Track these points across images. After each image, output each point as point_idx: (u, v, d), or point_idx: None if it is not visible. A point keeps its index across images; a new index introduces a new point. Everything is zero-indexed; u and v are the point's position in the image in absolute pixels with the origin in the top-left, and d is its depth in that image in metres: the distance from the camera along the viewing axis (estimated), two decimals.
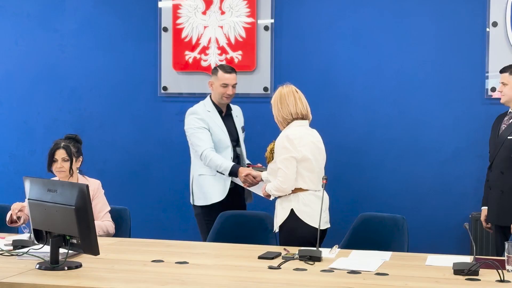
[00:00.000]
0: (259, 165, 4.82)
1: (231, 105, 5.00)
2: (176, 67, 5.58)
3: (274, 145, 4.14)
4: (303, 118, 4.13)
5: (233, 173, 4.67)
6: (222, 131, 4.84)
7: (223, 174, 4.73)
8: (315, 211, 4.01)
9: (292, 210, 4.07)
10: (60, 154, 4.27)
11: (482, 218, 4.57)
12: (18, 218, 4.11)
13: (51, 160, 4.28)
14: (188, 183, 4.95)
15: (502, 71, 4.42)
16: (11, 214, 4.15)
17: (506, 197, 4.30)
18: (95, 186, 4.30)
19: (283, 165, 4.04)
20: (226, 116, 4.94)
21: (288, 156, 4.03)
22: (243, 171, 4.65)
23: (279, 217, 4.13)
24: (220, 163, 4.70)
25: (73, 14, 5.78)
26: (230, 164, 4.70)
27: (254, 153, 5.49)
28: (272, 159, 4.14)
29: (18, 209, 4.11)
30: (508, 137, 4.29)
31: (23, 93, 5.88)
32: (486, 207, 4.49)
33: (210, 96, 4.93)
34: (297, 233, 4.05)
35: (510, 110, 4.42)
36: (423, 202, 5.20)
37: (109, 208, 4.34)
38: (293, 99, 4.12)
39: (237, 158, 4.90)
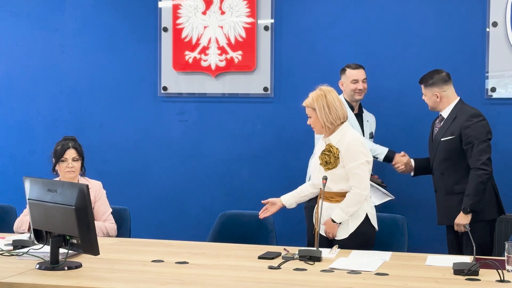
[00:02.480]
0: (376, 176, 4.79)
1: (365, 111, 5.00)
2: (176, 67, 5.58)
3: (336, 149, 3.90)
4: (345, 120, 4.01)
5: (389, 158, 4.77)
6: (353, 125, 4.61)
7: (377, 159, 4.74)
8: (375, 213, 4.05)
9: (366, 215, 3.95)
10: (71, 153, 4.21)
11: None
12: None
13: (59, 160, 4.21)
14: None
15: (420, 81, 4.55)
16: (21, 223, 4.08)
17: (450, 197, 4.39)
18: (97, 188, 4.29)
19: (361, 170, 3.87)
20: (356, 116, 4.90)
21: (364, 161, 3.89)
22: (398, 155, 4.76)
23: (353, 223, 3.91)
24: (375, 147, 4.78)
25: (73, 14, 5.78)
26: (385, 149, 4.80)
27: (255, 154, 5.50)
28: (338, 164, 3.88)
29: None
30: (442, 139, 4.40)
31: (23, 93, 5.88)
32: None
33: (343, 95, 4.89)
34: (370, 237, 3.97)
35: (440, 113, 4.52)
36: (423, 202, 5.20)
37: (111, 210, 4.33)
38: (339, 103, 3.95)
39: None
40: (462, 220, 4.26)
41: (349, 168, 3.87)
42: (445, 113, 4.47)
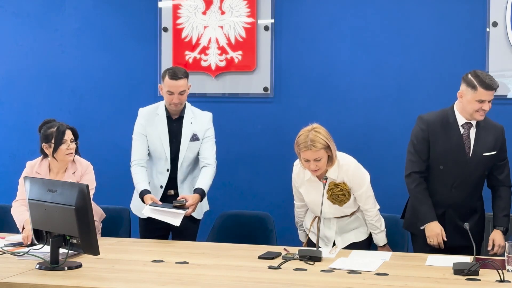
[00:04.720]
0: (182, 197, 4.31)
1: (197, 110, 4.54)
2: None
3: (343, 184, 3.90)
4: None
5: (141, 198, 4.26)
6: (160, 139, 4.40)
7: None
8: None
9: (370, 234, 4.06)
10: (69, 135, 4.06)
11: (435, 233, 3.95)
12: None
13: (60, 143, 4.02)
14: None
15: (495, 86, 3.89)
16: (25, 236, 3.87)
17: (474, 216, 4.04)
18: (85, 165, 4.13)
19: (370, 191, 3.99)
20: (176, 121, 4.46)
21: (369, 180, 3.99)
22: (147, 198, 4.21)
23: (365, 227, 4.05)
24: (136, 182, 4.34)
25: (73, 14, 5.78)
26: (141, 187, 4.28)
27: (255, 154, 5.50)
28: (351, 195, 3.93)
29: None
30: (484, 154, 3.97)
31: (23, 93, 5.88)
32: (436, 221, 3.98)
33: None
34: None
35: (466, 120, 3.99)
36: None
37: (95, 184, 4.10)
38: None
39: (174, 172, 4.42)
40: (503, 241, 3.97)
41: (360, 193, 3.94)
42: (473, 121, 4.00)
